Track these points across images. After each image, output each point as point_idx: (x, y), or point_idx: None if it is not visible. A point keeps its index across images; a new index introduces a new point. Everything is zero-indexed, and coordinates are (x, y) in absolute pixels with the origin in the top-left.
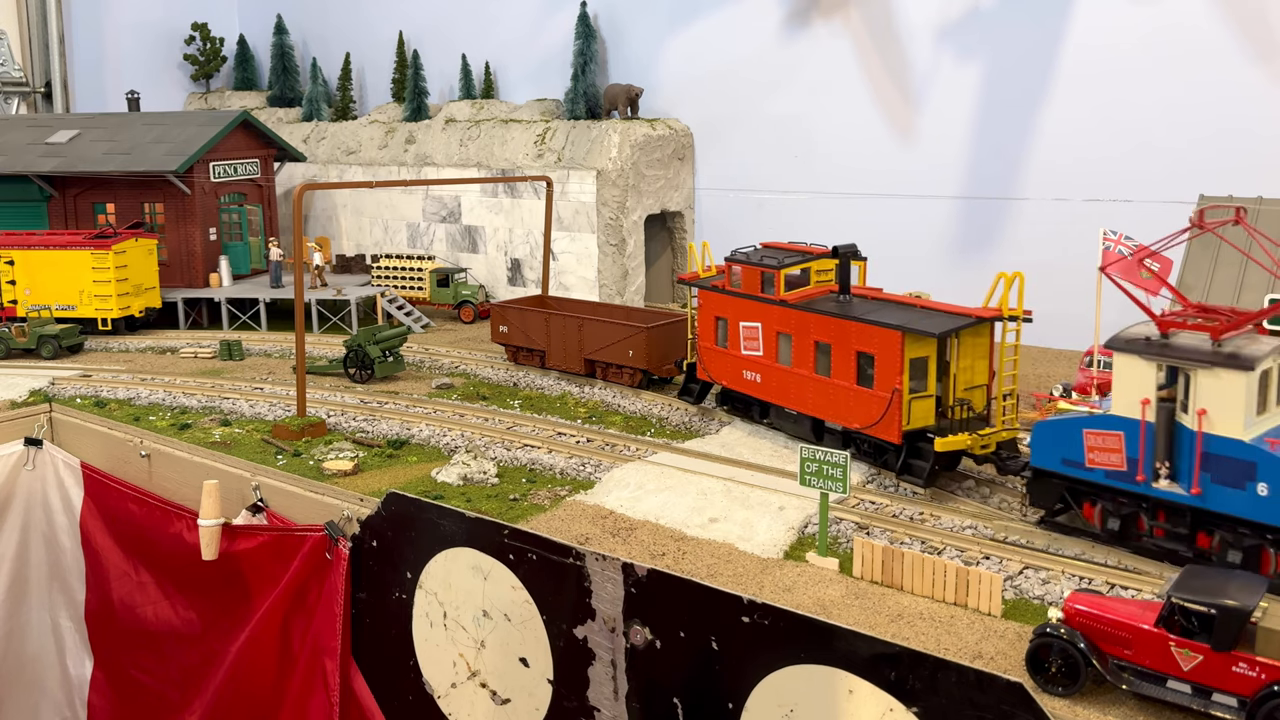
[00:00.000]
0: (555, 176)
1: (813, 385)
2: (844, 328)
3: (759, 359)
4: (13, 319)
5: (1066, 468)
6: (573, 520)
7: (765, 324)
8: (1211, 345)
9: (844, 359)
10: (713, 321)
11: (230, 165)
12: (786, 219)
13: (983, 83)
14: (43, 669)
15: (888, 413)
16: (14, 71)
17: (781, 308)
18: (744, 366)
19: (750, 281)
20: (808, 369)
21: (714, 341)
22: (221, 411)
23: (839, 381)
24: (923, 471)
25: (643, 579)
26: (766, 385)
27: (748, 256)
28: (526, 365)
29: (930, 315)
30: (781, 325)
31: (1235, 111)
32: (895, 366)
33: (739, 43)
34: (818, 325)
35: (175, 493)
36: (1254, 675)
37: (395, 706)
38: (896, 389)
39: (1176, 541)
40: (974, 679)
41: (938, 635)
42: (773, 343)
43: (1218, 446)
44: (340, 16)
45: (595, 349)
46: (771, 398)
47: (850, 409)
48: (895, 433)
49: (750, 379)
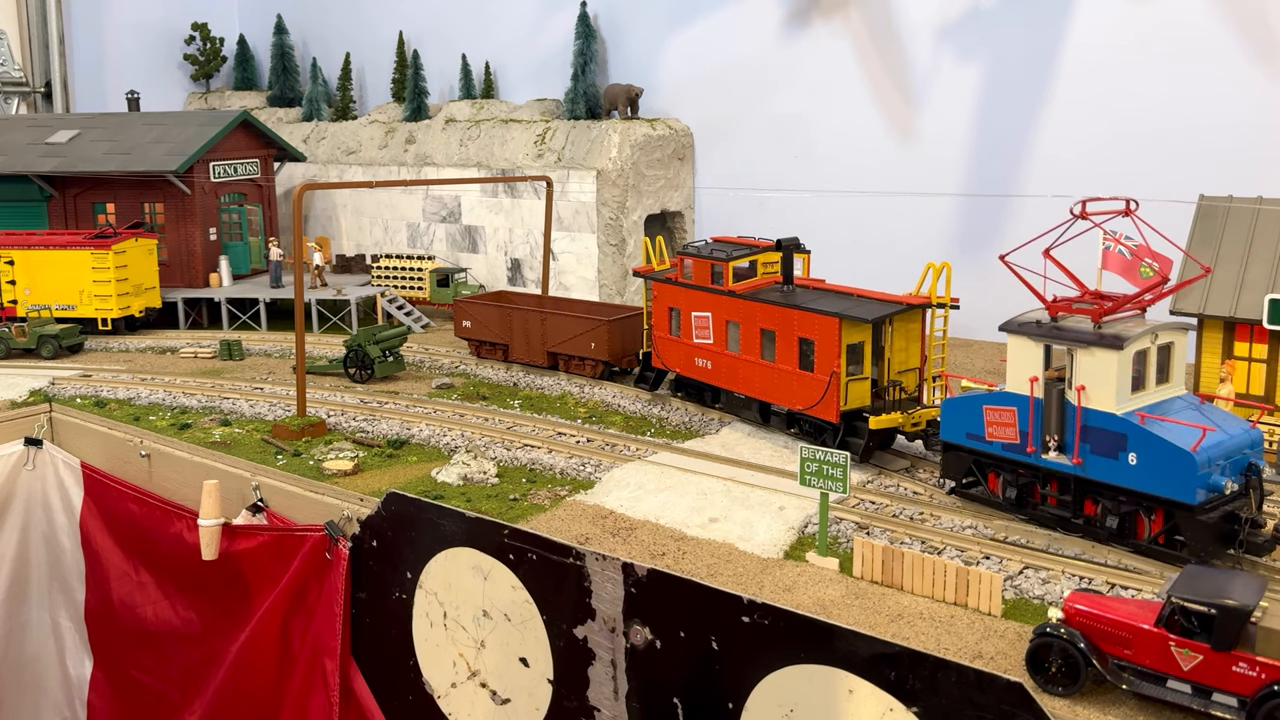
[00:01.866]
0: (555, 176)
1: (759, 370)
2: (787, 315)
3: (710, 347)
4: (13, 319)
5: (971, 441)
6: (573, 520)
7: (715, 313)
8: (1092, 327)
9: (787, 345)
10: (666, 312)
11: (230, 165)
12: (787, 219)
13: (983, 82)
14: (43, 669)
15: (827, 394)
16: (14, 71)
17: (730, 298)
18: (696, 354)
19: (701, 273)
20: (754, 355)
21: (668, 331)
22: (221, 411)
23: (783, 366)
24: (859, 449)
25: (643, 579)
26: (717, 371)
27: (699, 250)
28: (489, 359)
29: (866, 303)
30: (730, 314)
31: (1235, 111)
32: (833, 351)
33: (739, 43)
34: (763, 314)
35: (175, 493)
36: (1254, 675)
37: (395, 706)
38: (835, 372)
39: (1065, 509)
40: (974, 679)
41: (938, 635)
42: (722, 331)
43: (1094, 420)
44: (340, 16)
45: (557, 342)
46: (722, 383)
47: (793, 391)
48: (834, 413)
49: (702, 366)
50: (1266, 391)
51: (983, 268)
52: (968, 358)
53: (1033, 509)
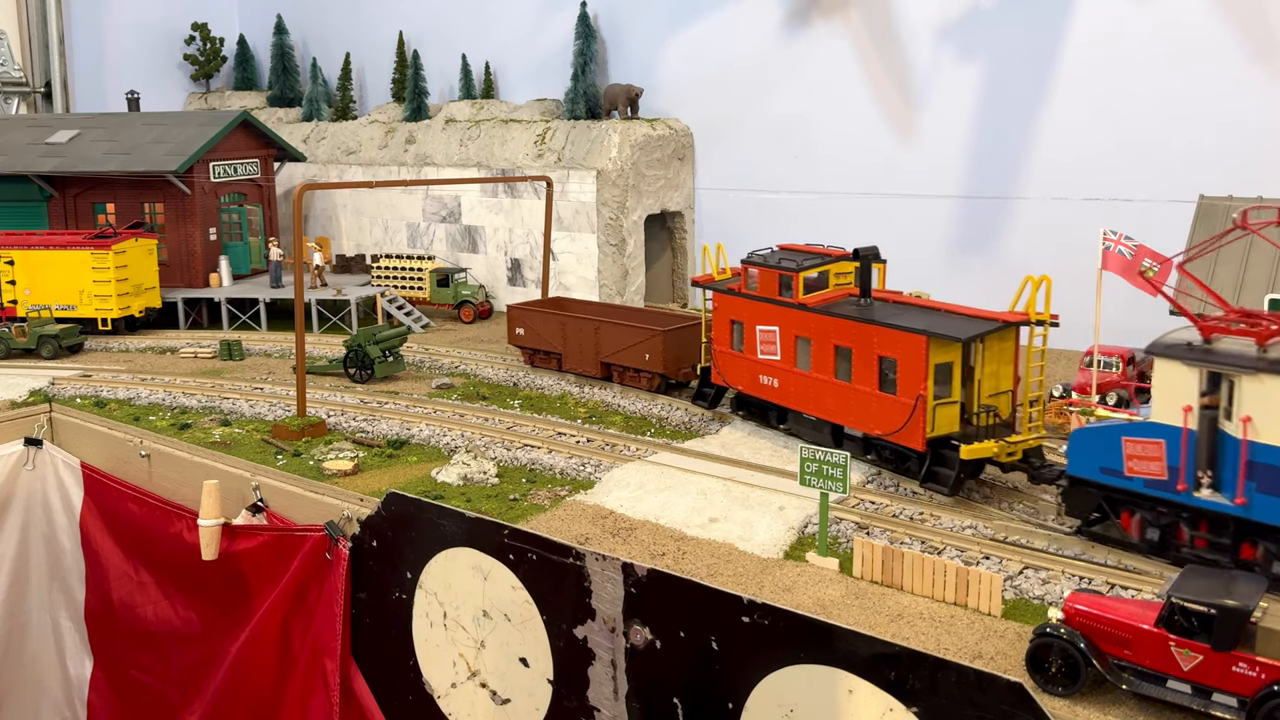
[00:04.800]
0: (555, 176)
1: (832, 390)
2: (865, 332)
3: (776, 363)
4: (13, 319)
5: (1104, 476)
6: (573, 520)
7: (783, 328)
8: (1256, 350)
9: (866, 364)
10: (728, 325)
11: (230, 165)
12: (787, 219)
13: (983, 82)
14: (43, 669)
15: (911, 419)
16: (14, 71)
17: (800, 311)
18: (760, 371)
19: (767, 284)
20: (827, 374)
21: (729, 345)
22: (221, 411)
23: (860, 387)
24: (948, 480)
25: (643, 579)
26: (784, 390)
27: (765, 259)
28: (543, 368)
29: (954, 319)
30: (800, 329)
31: (1235, 111)
32: (919, 372)
33: (739, 43)
34: (838, 329)
35: (175, 493)
36: (1254, 675)
37: (395, 706)
38: (921, 395)
39: (1219, 552)
40: (974, 679)
41: (938, 635)
42: (791, 347)
43: (1264, 455)
44: (340, 16)
45: (611, 352)
46: (789, 403)
47: (871, 415)
48: (919, 440)
49: (767, 384)
50: None
51: (983, 269)
52: None
53: (1175, 550)
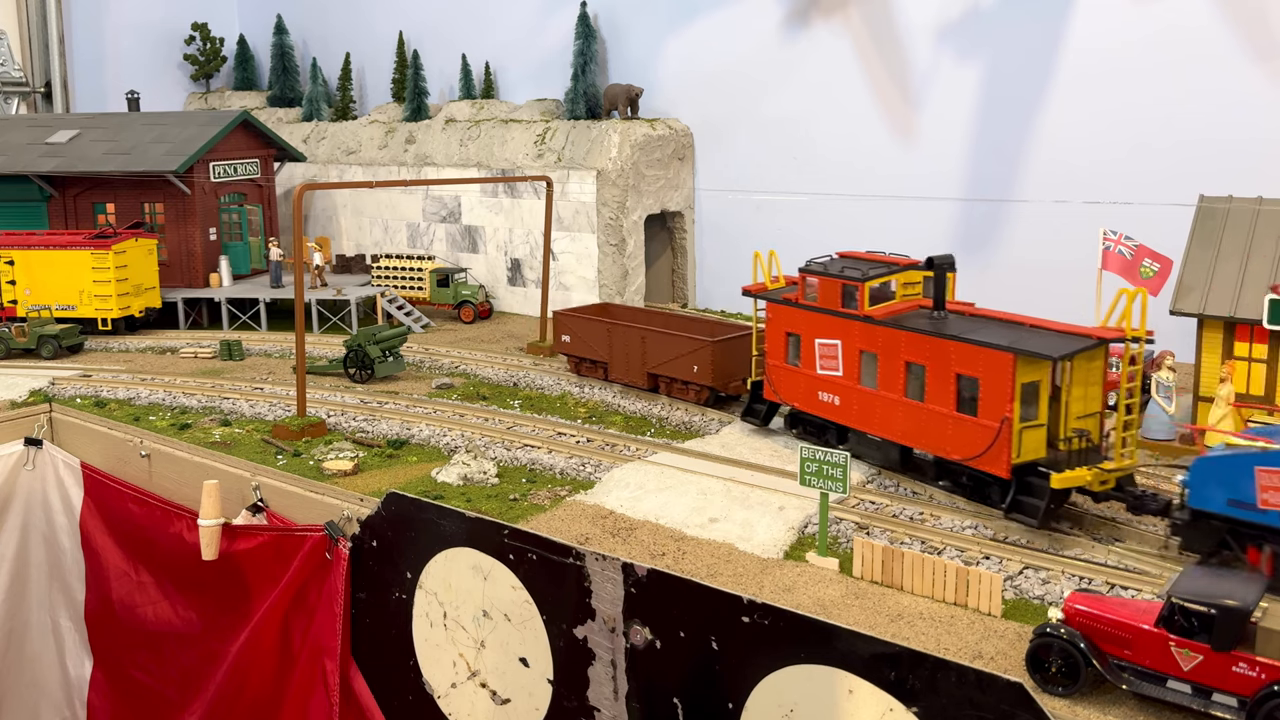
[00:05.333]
0: (555, 176)
1: (902, 410)
2: (942, 348)
3: (838, 379)
4: (13, 319)
5: (1234, 509)
6: (573, 520)
7: (846, 341)
8: None
9: (942, 382)
10: (783, 337)
11: (230, 165)
12: (787, 219)
13: (983, 83)
14: (43, 669)
15: (995, 444)
16: (14, 71)
17: (866, 324)
18: (820, 387)
19: (829, 295)
20: (896, 392)
21: (784, 359)
22: (221, 411)
23: (934, 407)
24: (1036, 511)
25: (643, 579)
26: (846, 408)
27: (825, 267)
28: (589, 377)
29: (1041, 335)
30: (866, 343)
31: (1235, 111)
32: (1005, 392)
33: (739, 43)
34: (910, 344)
35: (175, 493)
36: (1254, 675)
37: (395, 706)
38: (1006, 418)
39: None
40: (974, 679)
41: (938, 635)
42: (855, 362)
43: None
44: (340, 16)
45: (659, 363)
46: (852, 422)
47: (947, 438)
48: (1003, 466)
49: (827, 401)
50: (1266, 391)
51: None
52: None
53: None
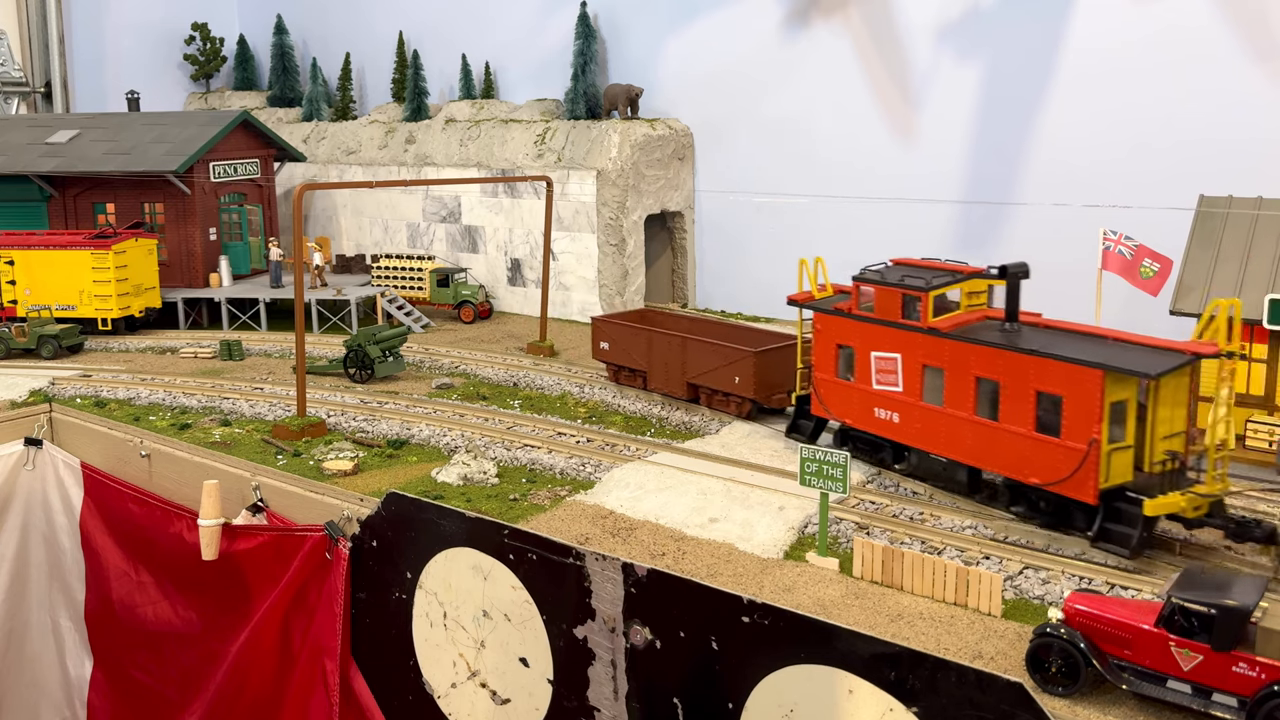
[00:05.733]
0: (555, 176)
1: (972, 429)
2: (1020, 364)
3: (897, 395)
4: (13, 319)
5: None
6: (573, 520)
7: (907, 355)
8: None
9: (1019, 400)
10: (833, 350)
11: (230, 165)
12: (787, 220)
13: (983, 83)
14: (43, 669)
15: (1082, 467)
16: (14, 71)
17: (931, 337)
18: (876, 404)
19: (887, 305)
20: (965, 410)
21: (834, 373)
22: (221, 411)
23: (1011, 427)
24: (1129, 540)
25: (643, 579)
26: (906, 426)
27: (882, 275)
28: (628, 386)
29: (1129, 350)
30: (930, 357)
31: (1235, 111)
32: (1093, 412)
33: (739, 43)
34: (982, 359)
35: (175, 493)
36: (1254, 675)
37: (395, 706)
38: (1095, 439)
39: None
40: (974, 679)
41: (938, 635)
42: (917, 377)
43: None
44: (340, 16)
45: (699, 373)
46: (913, 441)
47: (1025, 459)
48: (1090, 491)
49: (884, 418)
50: (1266, 392)
51: None
52: None
53: None
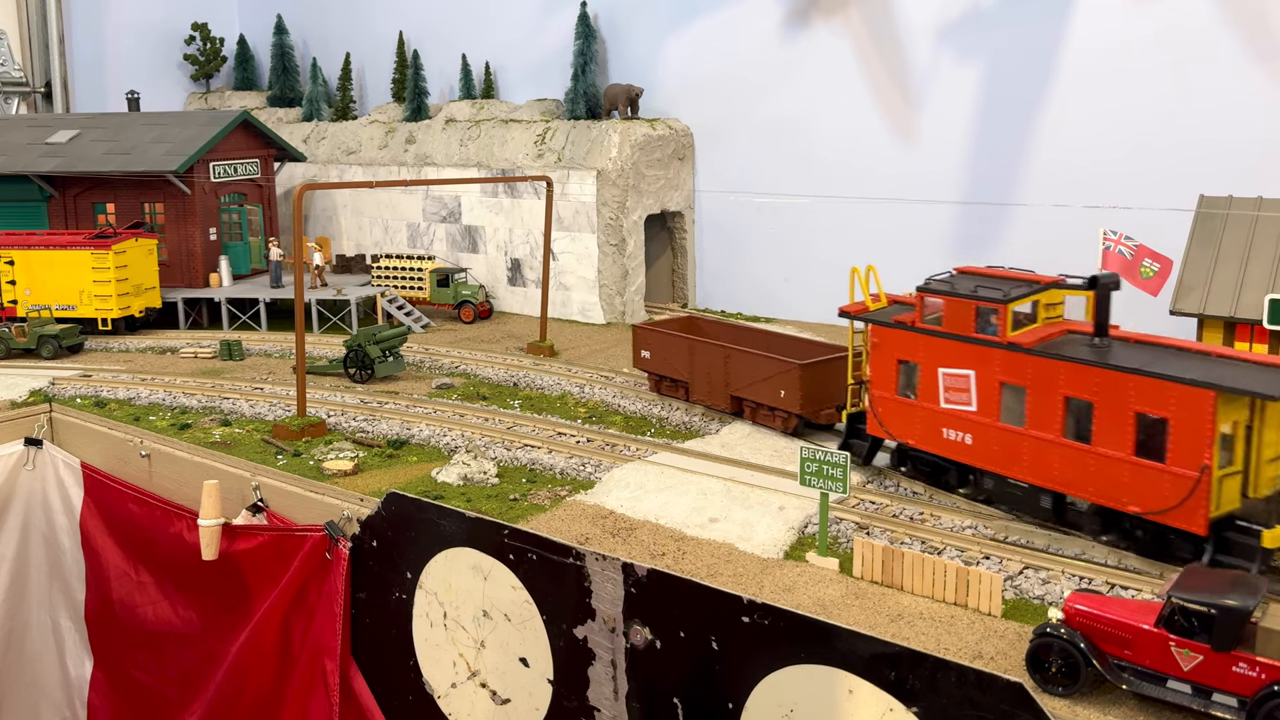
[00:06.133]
0: (555, 176)
1: (1059, 452)
2: (1117, 383)
3: (969, 415)
4: (13, 319)
5: None
6: (573, 520)
7: (982, 372)
8: None
9: (1115, 422)
10: (893, 366)
11: (230, 165)
12: (787, 220)
13: (983, 84)
14: (43, 669)
15: (1192, 496)
16: (14, 71)
17: (1010, 352)
18: (944, 424)
19: (959, 317)
20: (1052, 431)
21: (894, 390)
22: (221, 411)
23: (1106, 450)
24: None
25: (643, 579)
26: (980, 448)
27: (951, 285)
28: (670, 397)
29: (1238, 367)
30: (1009, 374)
31: (1235, 112)
32: (1204, 436)
33: (739, 43)
34: (1071, 377)
35: (175, 493)
36: (1254, 675)
37: (395, 706)
38: (1206, 465)
39: None
40: (974, 679)
41: (938, 635)
42: (992, 396)
43: None
44: (340, 16)
45: (742, 385)
46: (989, 464)
47: (1122, 486)
48: (1200, 521)
49: (954, 440)
50: None
51: None
52: None
53: None
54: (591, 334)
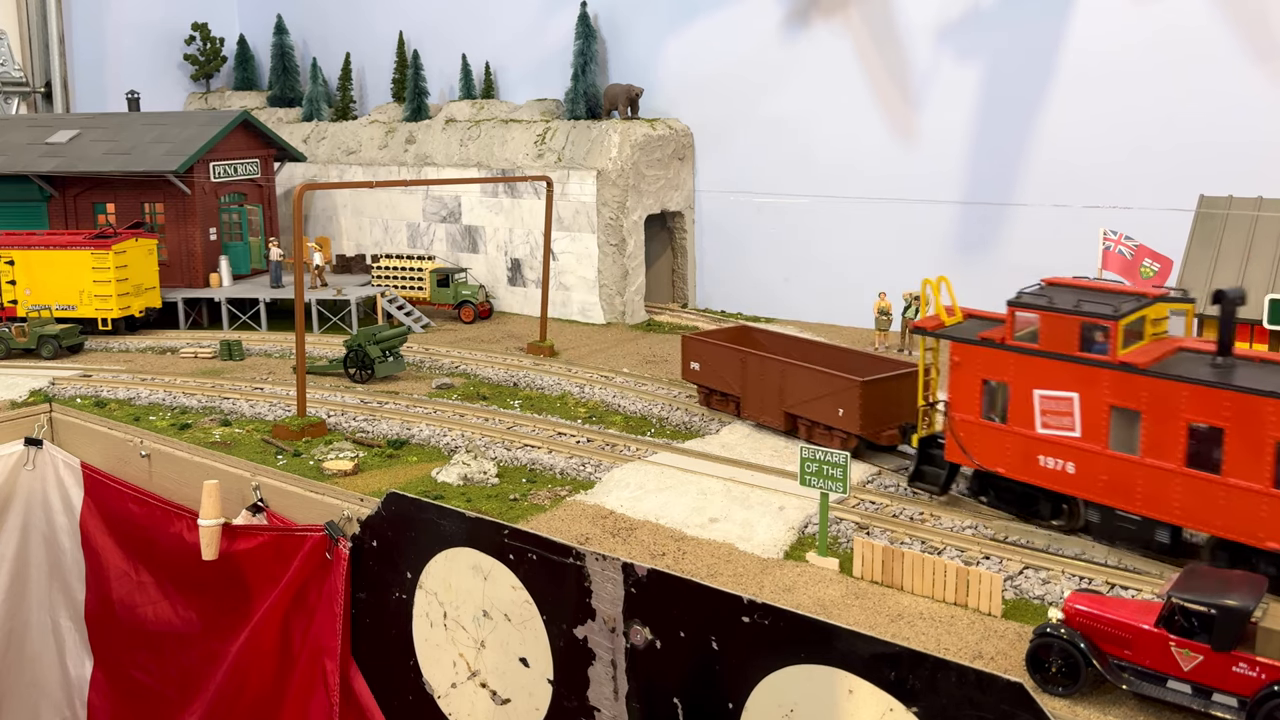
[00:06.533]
0: (555, 176)
1: (1181, 483)
2: (1255, 408)
3: (1072, 441)
4: (13, 319)
5: None
6: (573, 520)
7: (1088, 394)
8: None
9: (1252, 451)
10: (977, 386)
11: (230, 165)
12: (787, 220)
13: (983, 84)
14: (43, 669)
15: None
16: (14, 71)
17: (1123, 373)
18: (1040, 450)
19: (1059, 334)
20: (1173, 460)
21: (978, 413)
22: (221, 411)
23: (1239, 481)
24: None
25: (643, 579)
26: (1086, 477)
27: (1050, 300)
28: (720, 411)
29: None
30: (1121, 397)
31: (1236, 112)
32: None
33: (739, 43)
34: (1196, 401)
35: (175, 493)
36: (1254, 675)
37: (395, 706)
38: None
39: None
40: (974, 679)
41: (938, 635)
42: (1101, 421)
43: None
44: (340, 16)
45: (798, 401)
46: (1095, 495)
47: (1260, 521)
48: None
49: (1052, 468)
50: None
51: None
52: None
53: None
54: (591, 334)
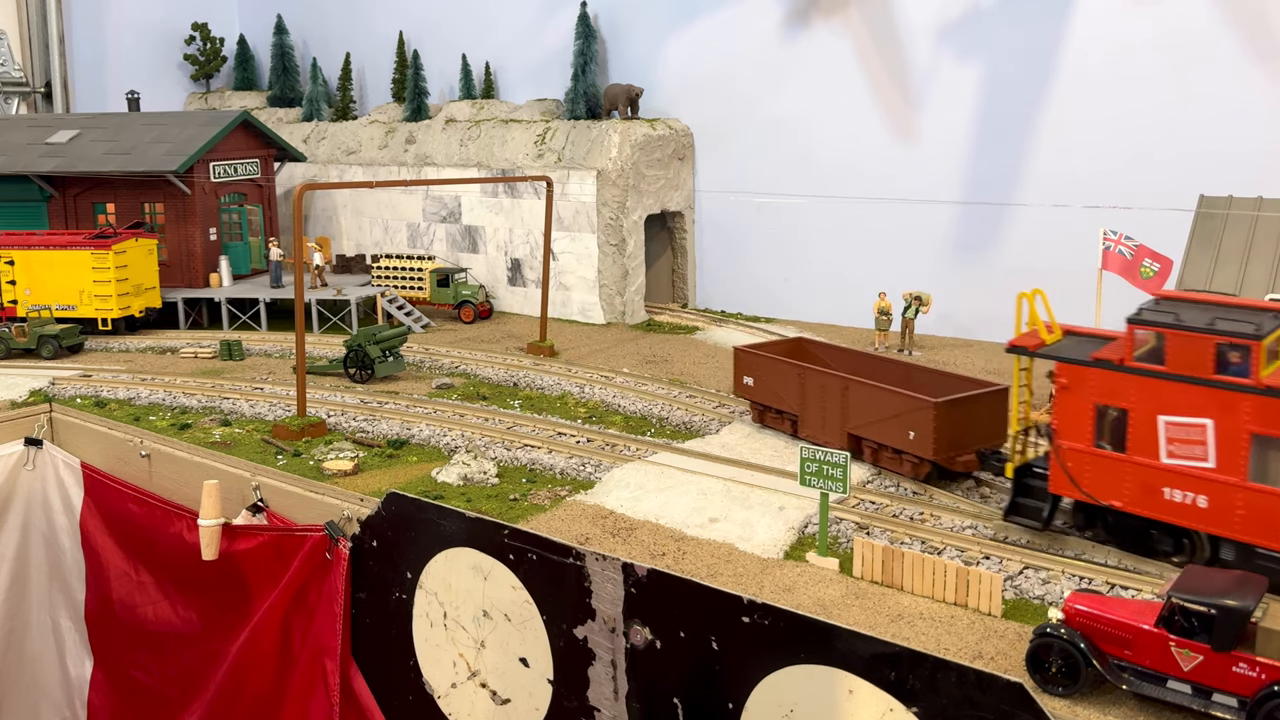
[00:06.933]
0: (555, 176)
1: None
2: None
3: (1205, 472)
4: (13, 319)
5: None
6: (573, 520)
7: (1224, 421)
8: None
9: None
10: (1089, 411)
11: (230, 165)
12: (786, 220)
13: (983, 84)
14: (43, 669)
15: None
16: (14, 71)
17: (1268, 398)
18: (1165, 482)
19: (1189, 355)
20: None
21: (1090, 440)
22: (221, 411)
23: None
24: None
25: (643, 579)
26: (1221, 512)
27: (1176, 317)
28: (775, 429)
29: None
30: (1265, 425)
31: (1236, 113)
32: None
33: (739, 43)
34: None
35: (175, 493)
36: (1254, 675)
37: (395, 706)
38: None
39: None
40: (974, 679)
41: (938, 635)
42: (1240, 450)
43: None
44: (340, 16)
45: (863, 422)
46: (1232, 532)
47: None
48: None
49: (1180, 501)
50: None
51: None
52: (968, 358)
53: None
54: (591, 334)
